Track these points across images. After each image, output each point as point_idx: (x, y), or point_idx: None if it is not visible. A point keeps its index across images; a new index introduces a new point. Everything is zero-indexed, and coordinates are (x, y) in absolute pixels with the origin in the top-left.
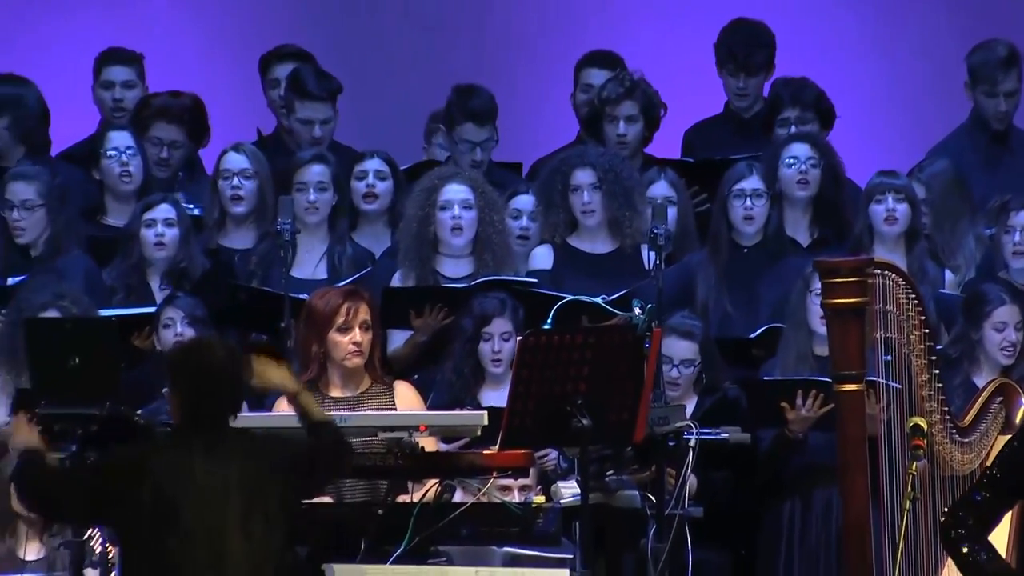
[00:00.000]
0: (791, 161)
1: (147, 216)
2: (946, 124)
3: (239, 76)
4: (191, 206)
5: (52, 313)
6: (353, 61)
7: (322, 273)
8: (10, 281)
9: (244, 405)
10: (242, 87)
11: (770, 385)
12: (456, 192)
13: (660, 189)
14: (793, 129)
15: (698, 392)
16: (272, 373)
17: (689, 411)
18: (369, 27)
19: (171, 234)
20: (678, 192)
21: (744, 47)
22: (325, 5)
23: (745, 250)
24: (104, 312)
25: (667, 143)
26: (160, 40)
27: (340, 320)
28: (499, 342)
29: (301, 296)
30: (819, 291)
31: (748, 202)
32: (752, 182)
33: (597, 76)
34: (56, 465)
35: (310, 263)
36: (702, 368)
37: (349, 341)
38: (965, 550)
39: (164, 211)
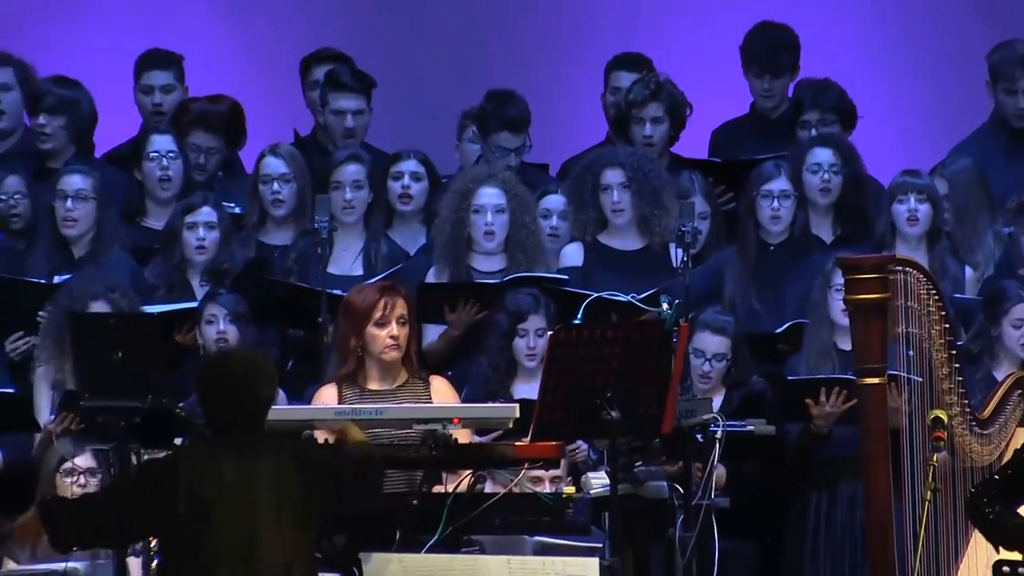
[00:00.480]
0: (814, 168)
1: (189, 219)
2: (968, 122)
3: (276, 77)
4: (231, 204)
5: (101, 303)
6: (388, 63)
7: (358, 269)
8: (56, 279)
9: (283, 395)
10: (279, 88)
11: (796, 384)
12: (489, 196)
13: (697, 206)
14: (814, 132)
15: (726, 386)
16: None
17: (717, 404)
18: (403, 30)
19: (212, 237)
20: (710, 202)
21: (769, 49)
22: (361, 10)
23: (772, 248)
24: (147, 308)
25: (695, 143)
26: (199, 42)
27: (377, 315)
28: (534, 338)
29: (337, 292)
30: (839, 286)
31: (775, 203)
32: (780, 183)
33: (626, 78)
34: (80, 503)
35: (346, 260)
36: (732, 362)
37: (386, 335)
38: (990, 513)
39: (206, 214)
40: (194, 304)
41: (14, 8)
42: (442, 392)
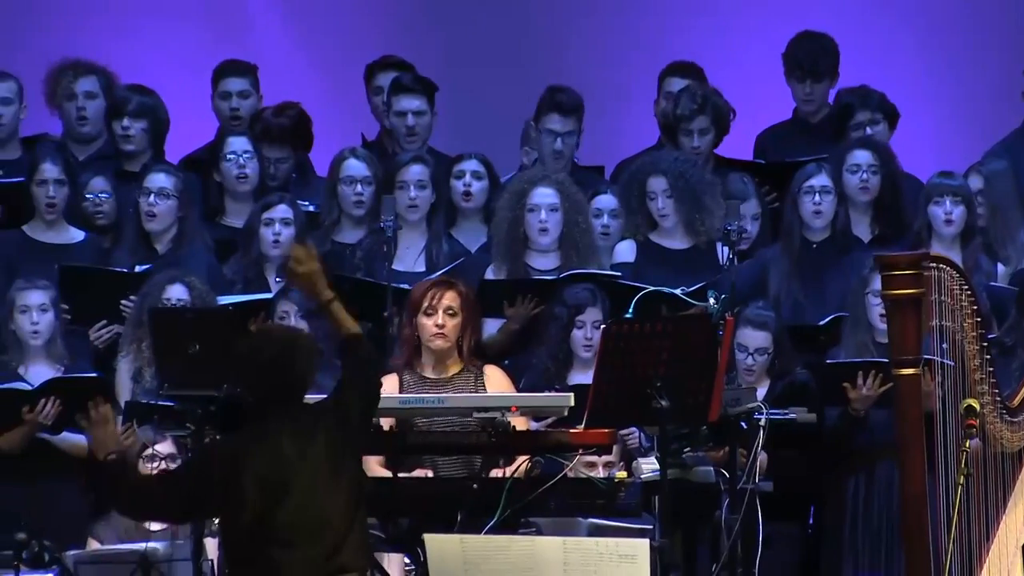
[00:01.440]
0: (854, 168)
1: (265, 216)
2: (1001, 123)
3: (343, 83)
4: (306, 203)
5: (178, 287)
6: (449, 70)
7: (420, 266)
8: (137, 268)
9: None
10: (345, 93)
11: (834, 367)
12: (544, 196)
13: (751, 208)
14: (868, 131)
15: (771, 377)
16: (310, 270)
17: (761, 395)
18: (463, 39)
19: (287, 233)
20: (762, 205)
21: (810, 56)
22: (424, 18)
23: (815, 245)
24: (222, 299)
25: (740, 145)
26: (271, 51)
27: (425, 304)
28: (591, 329)
29: (404, 285)
30: (876, 290)
31: (817, 198)
32: (821, 180)
33: (678, 84)
34: (143, 475)
35: (410, 257)
36: (774, 355)
37: (432, 324)
38: None
39: (282, 211)
40: (266, 295)
41: (98, 20)
42: (496, 381)
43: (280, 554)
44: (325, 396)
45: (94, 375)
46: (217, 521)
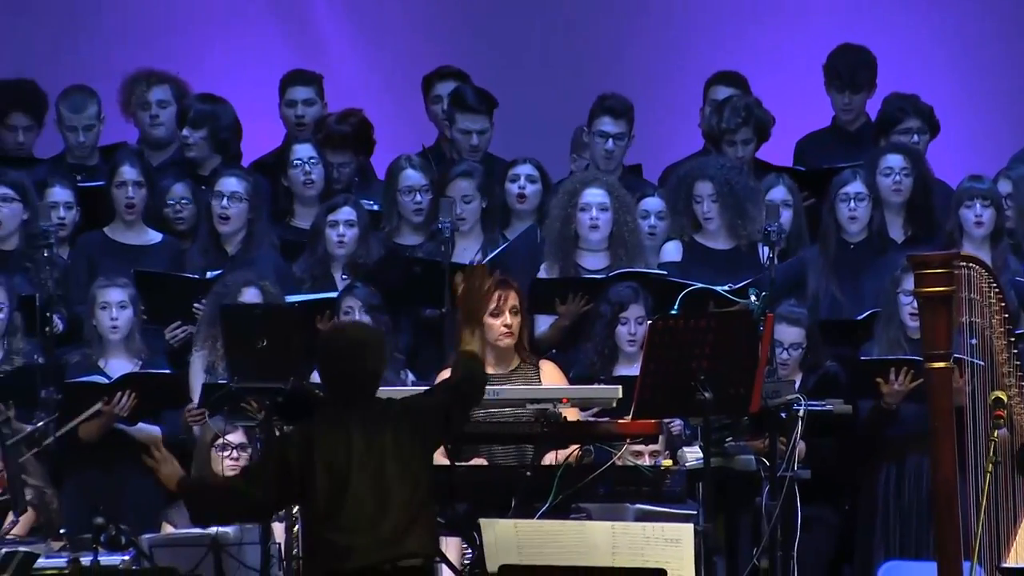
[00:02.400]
0: (887, 171)
1: (331, 217)
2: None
3: (402, 90)
4: (370, 202)
5: (253, 291)
6: (503, 78)
7: None
8: (209, 275)
9: (412, 377)
10: (404, 100)
11: (868, 363)
12: (594, 196)
13: (779, 193)
14: (916, 139)
15: (803, 370)
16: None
17: (795, 386)
18: (518, 50)
19: (351, 233)
20: (793, 196)
21: (849, 68)
22: (480, 30)
23: (851, 246)
24: (290, 298)
25: (781, 151)
26: (335, 60)
27: (492, 306)
28: (634, 325)
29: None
30: (907, 289)
31: (852, 204)
32: (856, 187)
33: (723, 93)
34: (223, 482)
35: (466, 258)
36: (807, 350)
37: (500, 324)
38: None
39: (346, 213)
40: (332, 294)
41: (175, 32)
42: (551, 374)
43: (346, 538)
44: (410, 391)
45: (167, 371)
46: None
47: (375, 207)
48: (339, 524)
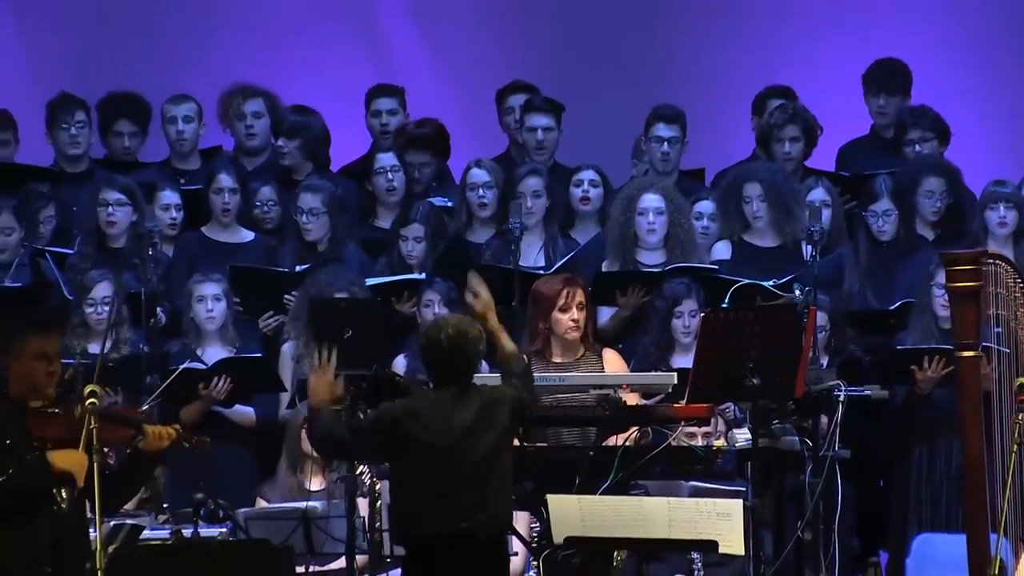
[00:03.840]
0: (928, 193)
1: (403, 231)
2: None
3: (476, 104)
4: (446, 199)
5: (344, 295)
6: (569, 93)
7: (540, 261)
8: (298, 268)
9: (485, 365)
10: (478, 112)
11: (902, 352)
12: (651, 201)
13: (818, 194)
14: (917, 148)
15: (828, 353)
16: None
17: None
18: (583, 65)
19: (419, 248)
20: (832, 197)
21: (885, 73)
22: (547, 46)
23: (884, 246)
24: (370, 281)
25: (825, 157)
26: (417, 76)
27: (561, 302)
28: (688, 318)
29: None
30: (939, 283)
31: (880, 220)
32: (883, 204)
33: (772, 104)
34: (340, 421)
35: (531, 255)
36: (831, 333)
37: (568, 319)
38: None
39: (415, 230)
40: (410, 276)
41: (268, 47)
42: (613, 363)
43: (434, 504)
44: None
45: (259, 356)
46: (391, 472)
47: (449, 204)
48: (427, 494)
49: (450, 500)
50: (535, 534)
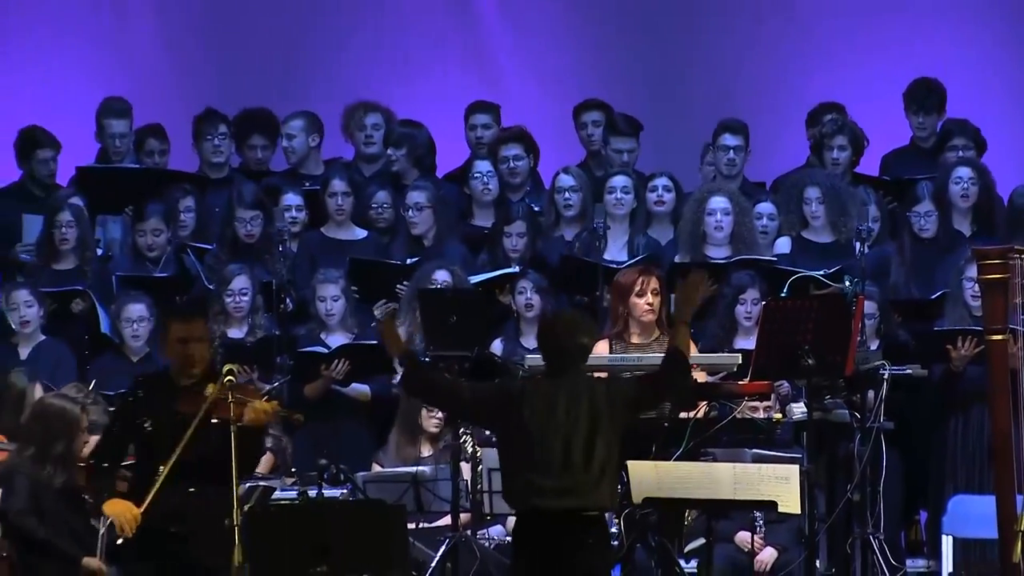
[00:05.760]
0: (957, 180)
1: (507, 229)
2: None
3: (556, 119)
4: (536, 205)
5: (443, 273)
6: (644, 106)
7: (623, 256)
8: (408, 261)
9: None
10: (560, 125)
11: (939, 333)
12: (718, 203)
13: (872, 212)
14: (960, 154)
15: (878, 337)
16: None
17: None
18: (657, 82)
19: (522, 242)
20: (882, 211)
21: (924, 93)
22: (626, 64)
23: (926, 243)
24: (473, 278)
25: (870, 163)
26: (509, 89)
27: (637, 288)
28: (750, 305)
29: (612, 265)
30: (970, 276)
31: (922, 220)
32: (924, 206)
33: (825, 118)
34: (437, 369)
35: (615, 249)
36: (880, 320)
37: (644, 303)
38: None
39: (518, 227)
40: (508, 271)
41: (382, 63)
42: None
43: (538, 479)
44: (617, 377)
45: (375, 342)
46: (499, 446)
47: (536, 208)
48: (535, 469)
49: (555, 479)
50: (617, 496)
